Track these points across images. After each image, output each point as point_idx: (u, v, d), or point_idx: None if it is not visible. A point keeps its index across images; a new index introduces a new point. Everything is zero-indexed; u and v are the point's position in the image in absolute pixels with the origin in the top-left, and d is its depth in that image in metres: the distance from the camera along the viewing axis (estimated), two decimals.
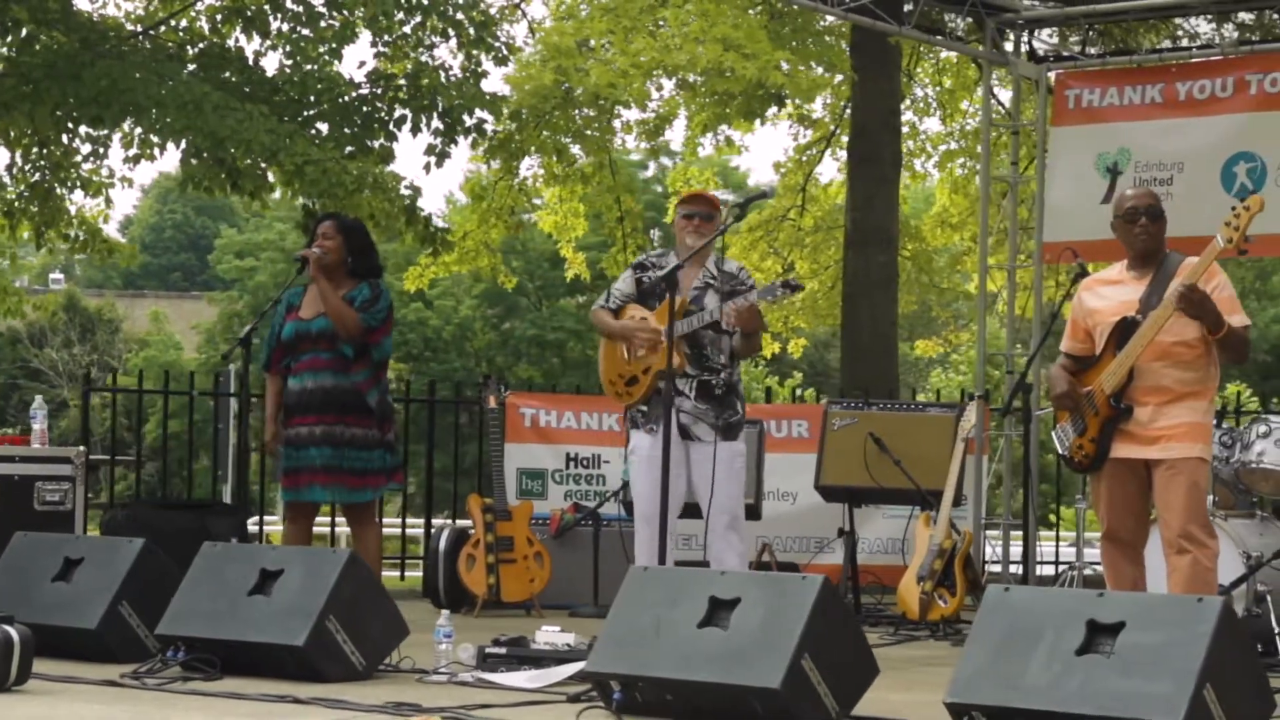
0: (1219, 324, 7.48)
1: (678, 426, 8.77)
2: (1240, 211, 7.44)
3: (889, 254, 17.52)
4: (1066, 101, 13.24)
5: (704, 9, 14.52)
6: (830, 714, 6.32)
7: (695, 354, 8.88)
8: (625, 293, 9.18)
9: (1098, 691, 5.65)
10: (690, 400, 8.89)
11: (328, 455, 9.12)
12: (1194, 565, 7.52)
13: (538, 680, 7.39)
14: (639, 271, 9.17)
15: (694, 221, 8.96)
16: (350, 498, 9.26)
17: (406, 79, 14.81)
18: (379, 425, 9.21)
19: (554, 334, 39.51)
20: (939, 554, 10.34)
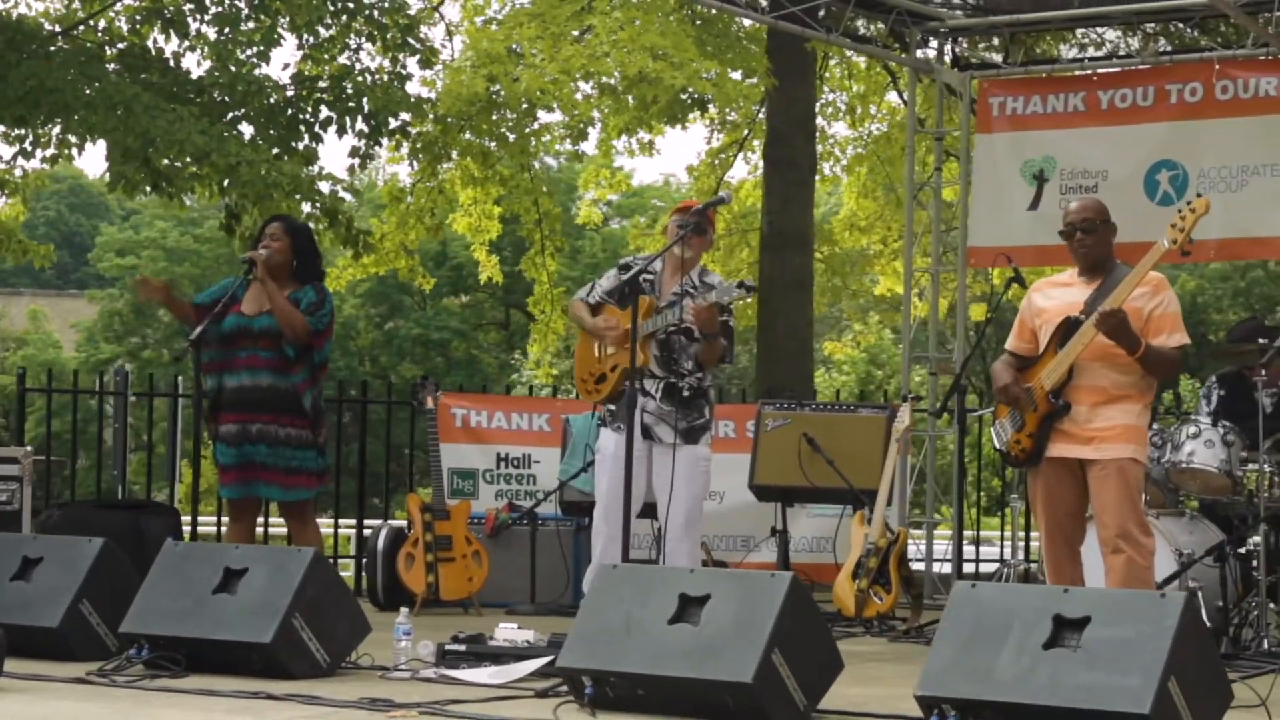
0: (1135, 347, 7.67)
1: (641, 426, 8.93)
2: (1186, 213, 7.66)
3: (804, 257, 17.75)
4: (991, 109, 13.51)
5: (631, 16, 14.69)
6: (799, 708, 6.49)
7: (665, 357, 9.06)
8: (607, 290, 9.34)
9: (1066, 684, 5.84)
10: (655, 401, 9.06)
11: (264, 453, 9.21)
12: (1130, 564, 7.71)
13: (500, 676, 7.50)
14: (624, 272, 9.27)
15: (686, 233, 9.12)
16: (286, 496, 9.34)
17: (331, 81, 14.87)
18: (313, 427, 9.33)
19: (438, 333, 39.60)
20: (874, 552, 10.54)
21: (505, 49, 15.17)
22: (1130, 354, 7.69)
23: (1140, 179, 12.86)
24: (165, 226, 41.18)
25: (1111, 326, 7.60)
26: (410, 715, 6.50)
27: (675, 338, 9.02)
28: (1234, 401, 10.29)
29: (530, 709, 6.72)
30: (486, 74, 15.00)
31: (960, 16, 13.87)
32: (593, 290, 9.44)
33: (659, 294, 9.15)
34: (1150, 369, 7.81)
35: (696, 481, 9.13)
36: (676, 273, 9.12)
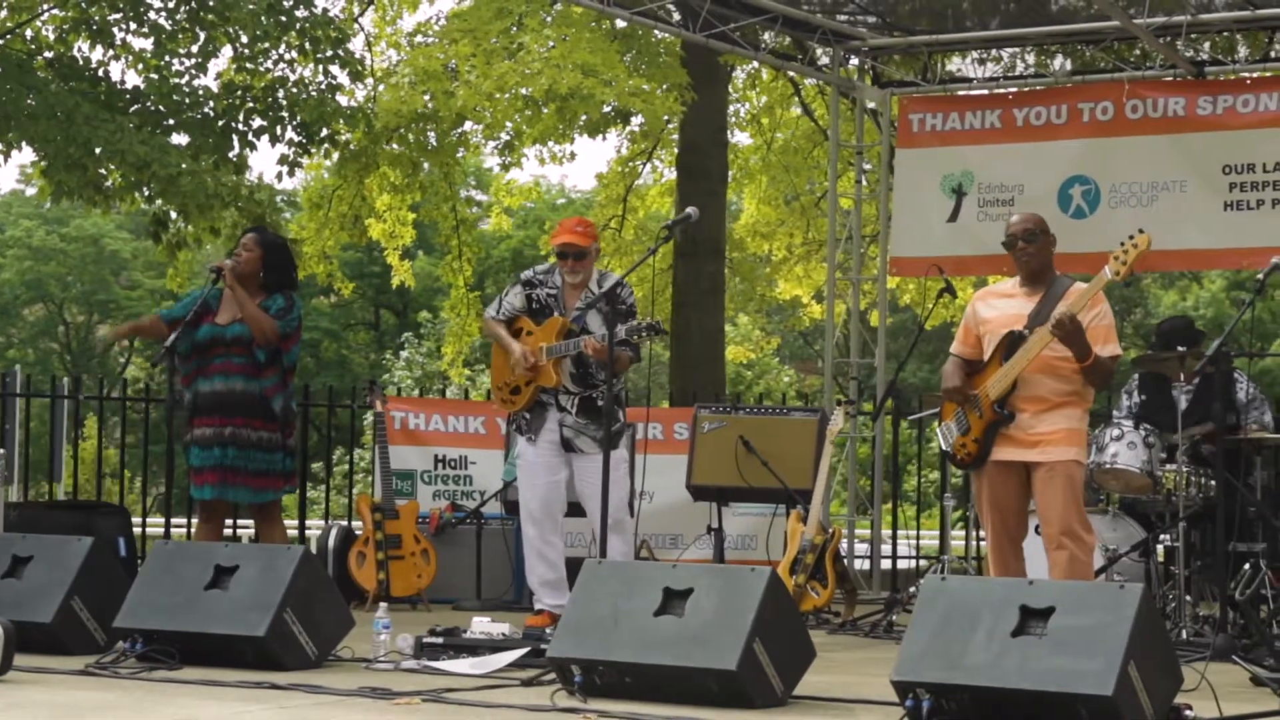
0: (1086, 354, 8.18)
1: (560, 439, 9.56)
2: (1129, 247, 8.13)
3: (717, 264, 18.27)
4: (911, 125, 14.05)
5: (561, 34, 15.11)
6: (777, 694, 6.98)
7: (580, 373, 9.65)
8: (516, 306, 9.89)
9: (1034, 669, 6.30)
10: (572, 416, 9.69)
11: (233, 456, 9.59)
12: (1072, 560, 8.23)
13: (480, 667, 7.90)
14: (528, 288, 9.93)
15: (567, 263, 9.76)
16: (255, 498, 9.73)
17: (264, 91, 15.18)
18: (282, 429, 9.72)
19: (308, 334, 39.62)
20: (811, 549, 11.00)
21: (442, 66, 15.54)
22: (1080, 361, 8.18)
23: (1054, 193, 13.44)
24: (31, 225, 41.00)
25: (1068, 333, 8.07)
26: (414, 703, 6.89)
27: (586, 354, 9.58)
28: (1153, 403, 10.84)
29: (524, 696, 7.11)
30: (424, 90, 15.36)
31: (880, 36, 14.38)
32: (500, 307, 9.93)
33: (563, 308, 9.68)
34: (1090, 377, 8.31)
35: (620, 484, 9.70)
36: (577, 286, 9.68)
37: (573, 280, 9.71)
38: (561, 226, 10.08)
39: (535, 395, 9.75)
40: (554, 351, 9.62)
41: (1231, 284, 39.00)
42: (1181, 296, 40.26)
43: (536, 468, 9.79)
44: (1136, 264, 8.18)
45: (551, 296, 9.79)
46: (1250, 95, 13.12)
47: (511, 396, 9.86)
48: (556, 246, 9.83)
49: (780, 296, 24.10)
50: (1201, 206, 13.13)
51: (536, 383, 9.69)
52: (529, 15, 15.47)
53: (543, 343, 9.67)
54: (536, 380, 9.69)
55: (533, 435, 9.78)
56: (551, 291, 9.80)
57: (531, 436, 9.78)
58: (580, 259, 9.73)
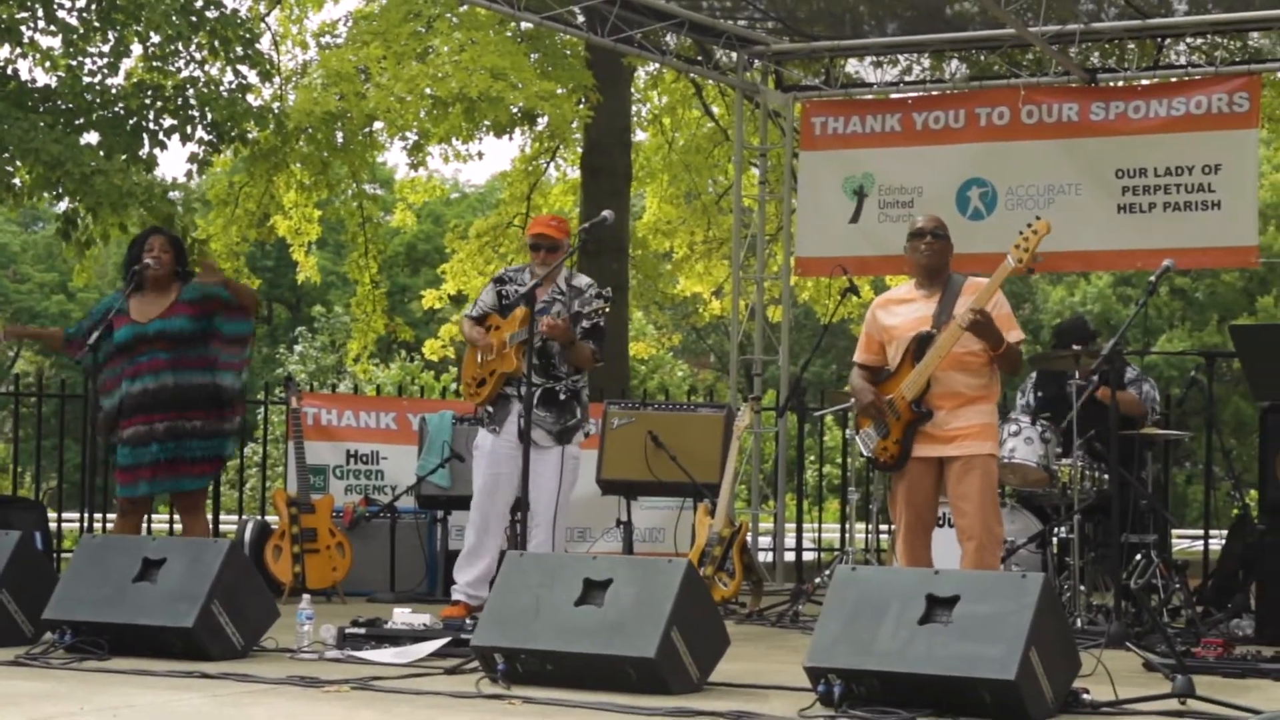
0: (1000, 343, 8.50)
1: (516, 430, 9.75)
2: (1029, 234, 8.43)
3: (621, 262, 18.50)
4: (813, 128, 14.34)
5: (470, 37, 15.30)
6: (693, 680, 7.22)
7: (543, 364, 9.81)
8: (488, 303, 10.15)
9: (940, 654, 6.56)
10: None
11: (171, 450, 9.75)
12: (982, 550, 8.54)
13: (403, 656, 8.07)
14: (499, 285, 10.19)
15: (540, 254, 9.95)
16: (193, 485, 9.92)
17: (174, 91, 15.27)
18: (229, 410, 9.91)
19: None
20: (718, 541, 11.25)
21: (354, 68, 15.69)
22: (994, 350, 8.48)
23: (953, 195, 13.79)
24: None
25: (981, 325, 8.36)
26: (343, 691, 7.09)
27: (552, 344, 9.77)
28: (1049, 399, 11.17)
29: (449, 684, 7.31)
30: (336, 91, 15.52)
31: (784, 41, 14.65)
32: (475, 306, 10.22)
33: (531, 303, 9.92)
34: (1005, 364, 8.63)
35: (567, 479, 9.98)
36: (547, 283, 9.89)
37: (543, 272, 9.85)
38: (536, 221, 10.37)
39: (499, 387, 9.97)
40: (515, 338, 9.82)
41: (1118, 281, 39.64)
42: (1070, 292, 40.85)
43: (491, 457, 9.97)
44: (1037, 249, 8.44)
45: (519, 292, 10.01)
46: (1141, 101, 13.51)
47: (478, 390, 10.08)
48: (531, 238, 10.07)
49: (681, 293, 24.35)
50: (1096, 209, 13.50)
51: (500, 371, 9.90)
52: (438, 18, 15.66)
53: (506, 333, 9.91)
54: (499, 368, 9.90)
55: (496, 427, 9.97)
56: (520, 288, 10.01)
57: (495, 428, 9.97)
58: (553, 251, 9.94)
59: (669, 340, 28.20)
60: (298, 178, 18.21)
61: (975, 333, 8.41)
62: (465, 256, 21.18)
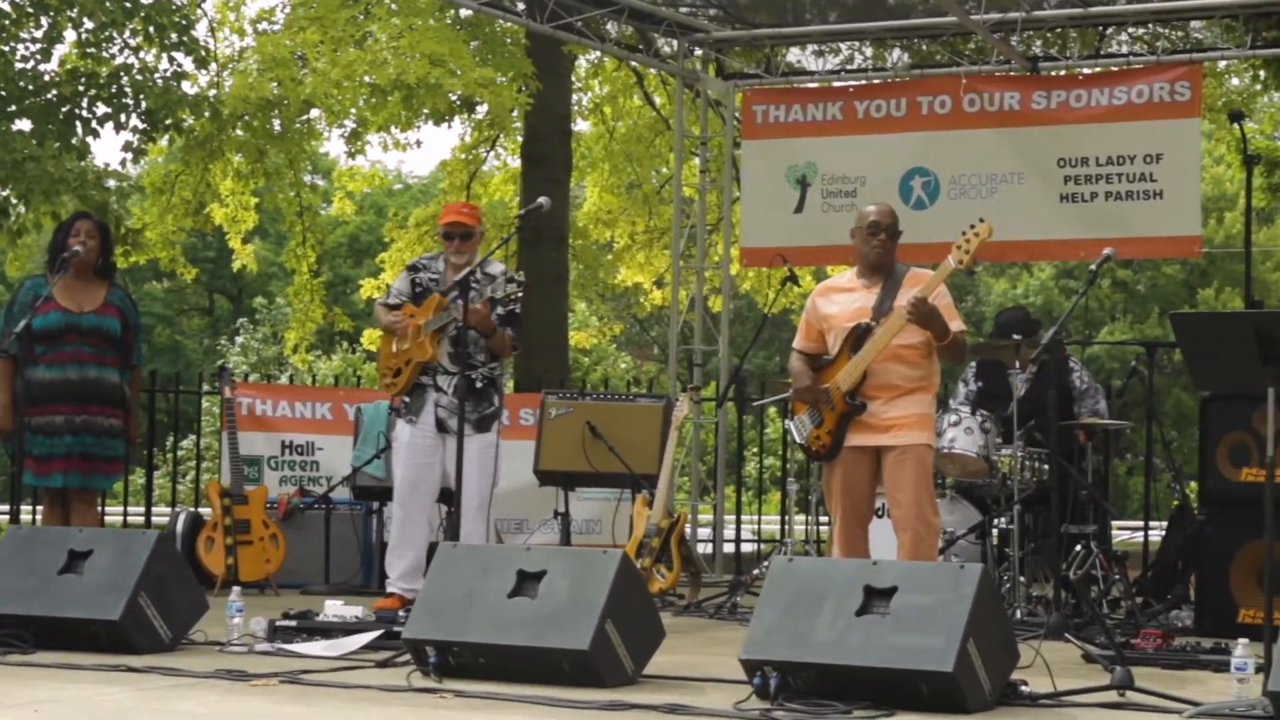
0: (945, 333, 8.44)
1: (435, 420, 9.67)
2: (971, 236, 8.37)
3: (560, 251, 18.40)
4: (755, 117, 14.26)
5: (409, 23, 15.17)
6: (628, 672, 7.14)
7: (458, 352, 9.68)
8: (402, 292, 10.03)
9: (877, 646, 6.50)
10: (448, 396, 9.75)
11: (87, 444, 9.66)
12: (919, 541, 8.46)
13: (334, 649, 7.98)
14: (413, 272, 10.10)
15: (454, 242, 9.86)
16: (108, 483, 9.85)
17: (108, 78, 15.10)
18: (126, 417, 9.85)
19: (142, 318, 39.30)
20: (656, 533, 11.17)
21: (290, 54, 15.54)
22: (939, 340, 8.42)
23: (896, 185, 13.72)
24: None
25: (924, 315, 8.30)
26: (271, 684, 6.98)
27: (467, 333, 9.66)
28: (990, 389, 11.12)
29: (380, 677, 7.22)
30: (272, 77, 15.37)
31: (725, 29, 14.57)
32: (389, 294, 10.09)
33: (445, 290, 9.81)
34: (948, 353, 8.58)
35: (487, 468, 9.84)
36: (458, 270, 9.77)
37: (458, 261, 9.80)
38: (447, 209, 10.26)
39: (414, 376, 9.86)
40: (430, 325, 9.72)
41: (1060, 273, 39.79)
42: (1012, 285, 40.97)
43: (411, 449, 9.89)
44: (978, 252, 8.41)
45: (434, 280, 9.94)
46: (1083, 90, 13.48)
47: (394, 379, 9.97)
48: (443, 227, 9.98)
49: (622, 283, 24.28)
50: (1038, 199, 13.46)
51: (416, 359, 9.80)
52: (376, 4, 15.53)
53: (421, 319, 9.79)
54: (415, 357, 9.79)
55: (413, 417, 9.87)
56: (434, 276, 9.95)
57: (412, 419, 9.87)
58: (466, 239, 9.87)
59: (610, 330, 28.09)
60: (234, 166, 18.06)
61: (920, 323, 8.35)
62: (404, 245, 21.05)
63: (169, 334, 40.14)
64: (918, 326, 8.38)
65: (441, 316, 9.71)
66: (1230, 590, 9.43)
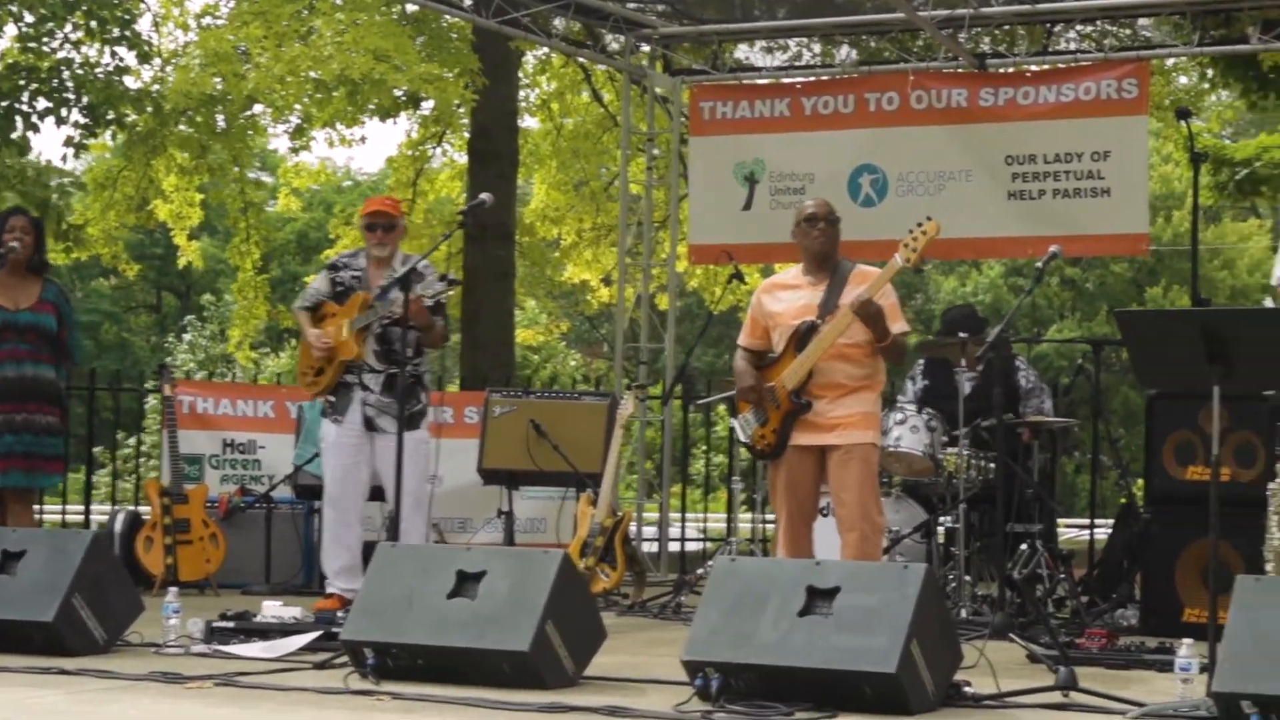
0: (886, 335, 8.39)
1: (363, 419, 9.59)
2: (919, 234, 8.33)
3: (506, 248, 18.32)
4: (702, 114, 14.18)
5: (353, 18, 15.05)
6: (569, 674, 7.07)
7: (385, 349, 9.61)
8: (322, 291, 9.90)
9: (820, 646, 6.44)
10: (375, 394, 9.67)
11: (27, 443, 9.56)
12: (864, 540, 8.41)
13: (271, 651, 7.90)
14: (333, 271, 9.98)
15: (376, 234, 9.77)
16: (46, 483, 9.76)
17: (49, 72, 14.95)
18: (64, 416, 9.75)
19: (88, 316, 39.21)
20: (600, 532, 11.08)
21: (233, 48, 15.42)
22: (880, 341, 8.36)
23: (844, 182, 13.65)
24: None
25: (870, 315, 8.24)
26: (205, 687, 6.88)
27: (393, 329, 9.58)
28: (937, 387, 11.07)
29: (317, 679, 7.12)
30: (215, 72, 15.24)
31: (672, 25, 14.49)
32: (306, 296, 10.01)
33: (367, 287, 9.72)
34: (889, 354, 8.53)
35: (419, 465, 9.75)
36: (380, 266, 9.69)
37: (380, 254, 9.72)
38: (370, 201, 10.16)
39: (338, 375, 9.76)
40: (357, 322, 9.61)
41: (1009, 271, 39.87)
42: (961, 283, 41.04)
43: (339, 449, 9.80)
44: (926, 250, 8.36)
45: (355, 278, 9.84)
46: (1030, 88, 13.43)
47: (316, 379, 9.86)
48: (366, 218, 9.88)
49: (569, 281, 24.20)
50: (986, 196, 13.41)
51: (340, 359, 9.70)
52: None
53: (345, 319, 9.68)
54: (339, 356, 9.69)
55: (339, 416, 9.78)
56: (356, 273, 9.85)
57: (338, 418, 9.78)
58: (389, 230, 9.79)
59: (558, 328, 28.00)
60: (178, 161, 17.90)
61: (863, 321, 8.28)
62: (351, 242, 20.87)
63: (116, 331, 39.89)
64: (862, 325, 8.33)
65: (369, 314, 9.61)
66: (1176, 589, 9.39)
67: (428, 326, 9.62)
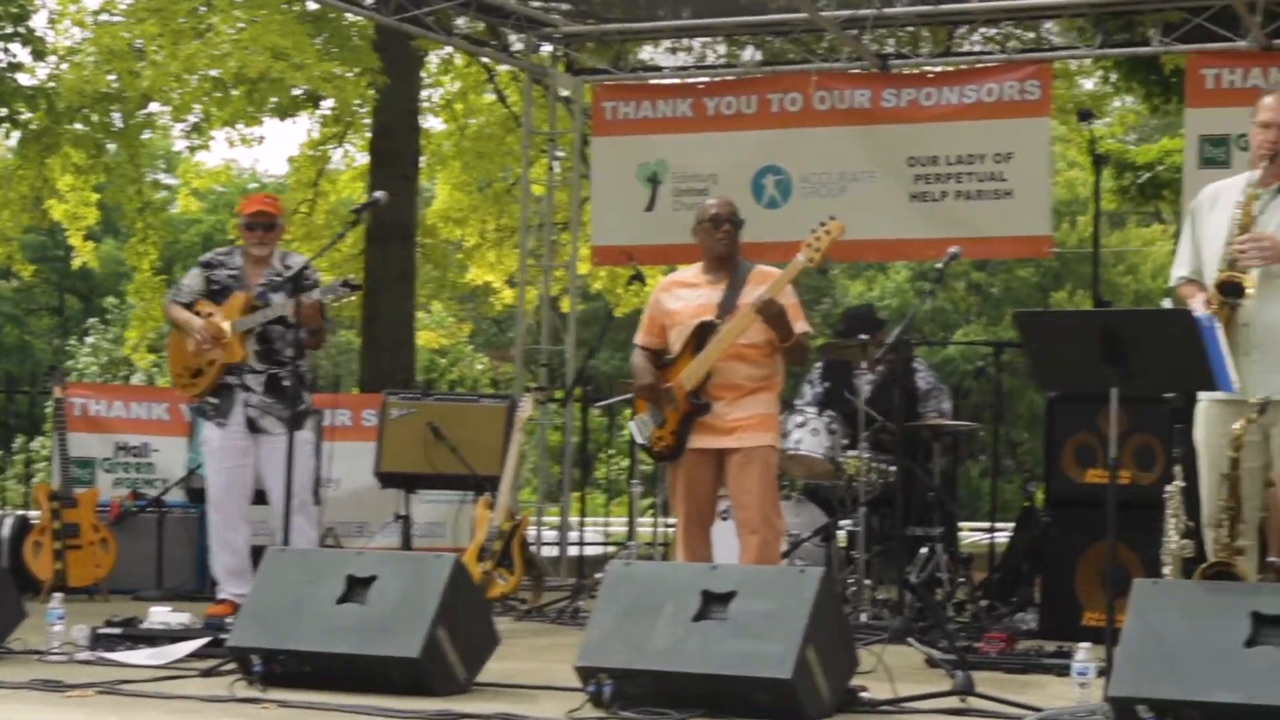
0: (789, 335, 8.29)
1: (246, 420, 9.43)
2: (821, 234, 8.24)
3: (407, 249, 18.17)
4: (604, 114, 14.07)
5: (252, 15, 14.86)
6: (460, 681, 6.95)
7: (265, 349, 9.48)
8: (195, 289, 9.71)
9: (715, 652, 6.34)
10: (258, 395, 9.52)
11: None
12: (763, 545, 8.29)
13: (158, 658, 7.74)
14: (207, 269, 9.78)
15: (257, 233, 9.65)
16: None
17: None
18: None
19: None
20: (498, 535, 10.96)
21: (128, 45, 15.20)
22: (783, 342, 8.26)
23: (748, 183, 13.54)
24: None
25: (773, 315, 8.14)
26: (87, 695, 6.72)
27: (273, 328, 9.44)
28: (837, 390, 11.00)
29: (203, 687, 6.98)
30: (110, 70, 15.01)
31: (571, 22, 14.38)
32: (180, 291, 9.78)
33: (246, 286, 9.57)
34: (792, 355, 8.44)
35: (307, 465, 9.68)
36: (258, 265, 9.56)
37: (260, 253, 9.61)
38: (250, 200, 10.01)
39: (219, 377, 9.59)
40: (242, 324, 9.45)
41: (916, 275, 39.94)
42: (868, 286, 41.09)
43: (223, 452, 9.65)
44: (829, 250, 8.27)
45: (232, 277, 9.68)
46: (933, 89, 13.38)
47: (193, 380, 9.69)
48: (247, 218, 9.73)
49: (472, 282, 24.07)
50: (889, 198, 13.34)
51: (221, 361, 9.53)
52: None
53: (226, 319, 9.51)
54: (221, 358, 9.53)
55: (222, 419, 9.61)
56: (232, 272, 9.69)
57: (221, 420, 9.62)
58: (269, 230, 9.69)
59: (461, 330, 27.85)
60: (73, 160, 17.64)
61: (766, 321, 8.19)
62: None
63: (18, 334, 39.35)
64: (765, 325, 8.23)
65: (255, 317, 9.47)
66: (1075, 592, 9.35)
67: (318, 330, 9.50)
